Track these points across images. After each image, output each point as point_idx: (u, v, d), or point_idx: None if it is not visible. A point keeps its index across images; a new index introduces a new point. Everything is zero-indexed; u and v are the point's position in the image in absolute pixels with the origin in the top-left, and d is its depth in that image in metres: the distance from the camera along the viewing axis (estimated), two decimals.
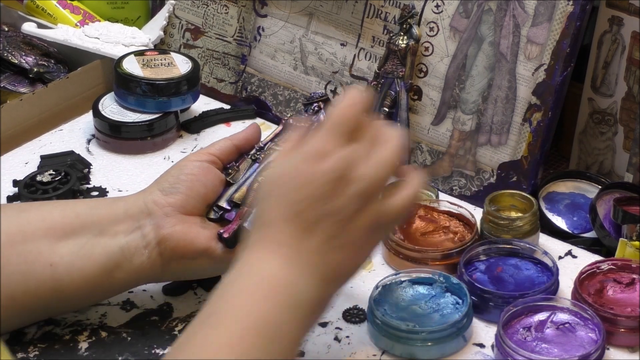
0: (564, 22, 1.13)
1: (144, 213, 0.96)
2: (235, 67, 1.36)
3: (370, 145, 0.86)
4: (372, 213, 0.85)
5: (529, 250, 1.05)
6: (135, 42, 1.36)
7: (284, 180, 0.84)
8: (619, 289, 1.01)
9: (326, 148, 0.84)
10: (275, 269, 0.82)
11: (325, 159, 0.83)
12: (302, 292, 0.82)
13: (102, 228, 0.95)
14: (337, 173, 0.83)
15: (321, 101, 1.03)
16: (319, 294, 0.83)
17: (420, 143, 1.22)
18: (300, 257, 0.83)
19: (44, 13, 1.43)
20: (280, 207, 0.84)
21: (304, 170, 0.83)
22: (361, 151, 0.85)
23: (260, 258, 0.83)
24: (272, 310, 0.81)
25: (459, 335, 0.97)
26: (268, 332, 0.80)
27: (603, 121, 1.21)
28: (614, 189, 1.14)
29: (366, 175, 0.84)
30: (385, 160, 0.86)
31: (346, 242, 0.84)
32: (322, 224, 0.83)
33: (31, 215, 0.96)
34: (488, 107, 1.18)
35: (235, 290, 0.82)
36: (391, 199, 0.87)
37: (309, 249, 0.83)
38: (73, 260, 0.94)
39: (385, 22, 1.24)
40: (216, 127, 1.32)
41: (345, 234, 0.83)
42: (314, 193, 0.83)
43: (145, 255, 0.95)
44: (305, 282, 0.82)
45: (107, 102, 1.28)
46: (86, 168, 1.22)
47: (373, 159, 0.85)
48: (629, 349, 0.97)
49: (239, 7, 1.35)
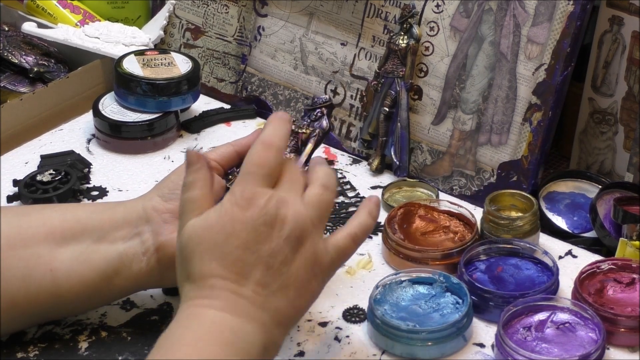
0: (565, 22, 1.13)
1: (143, 219, 0.95)
2: (235, 67, 1.36)
3: (295, 185, 0.85)
4: (307, 254, 0.84)
5: (529, 250, 1.05)
6: (136, 41, 1.36)
7: (211, 233, 0.83)
8: (619, 288, 1.01)
9: (250, 193, 0.83)
10: (219, 317, 0.81)
11: (250, 205, 0.83)
12: (248, 335, 0.82)
13: (102, 234, 0.95)
14: (264, 218, 0.82)
15: (324, 106, 1.02)
16: (266, 337, 0.83)
17: (421, 143, 1.22)
18: (237, 305, 0.82)
19: (44, 13, 1.43)
20: (212, 261, 0.82)
21: (230, 218, 0.82)
22: (287, 192, 0.84)
23: (202, 308, 0.82)
24: (222, 353, 0.80)
25: (459, 335, 0.97)
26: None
27: (603, 121, 1.21)
28: (614, 189, 1.14)
29: (294, 216, 0.83)
30: (314, 199, 0.85)
31: (282, 286, 0.83)
32: (255, 271, 0.82)
33: (32, 220, 0.95)
34: (488, 107, 1.18)
35: (183, 339, 0.81)
36: (331, 237, 0.87)
37: (246, 297, 0.82)
38: (73, 266, 0.93)
39: (386, 21, 1.24)
40: (216, 127, 1.32)
41: (280, 278, 0.83)
42: (243, 241, 0.82)
43: (143, 262, 0.94)
44: (251, 328, 0.82)
45: (107, 101, 1.28)
46: (86, 168, 1.22)
47: (299, 199, 0.84)
48: (629, 349, 0.97)
49: (239, 7, 1.35)
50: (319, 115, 1.02)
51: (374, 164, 1.23)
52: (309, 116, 1.02)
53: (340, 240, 0.87)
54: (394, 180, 1.21)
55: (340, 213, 1.16)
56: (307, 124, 1.01)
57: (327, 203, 0.87)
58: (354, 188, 1.20)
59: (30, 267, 0.93)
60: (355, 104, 1.27)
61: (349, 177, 1.23)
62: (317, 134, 1.01)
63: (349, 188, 1.20)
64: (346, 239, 0.88)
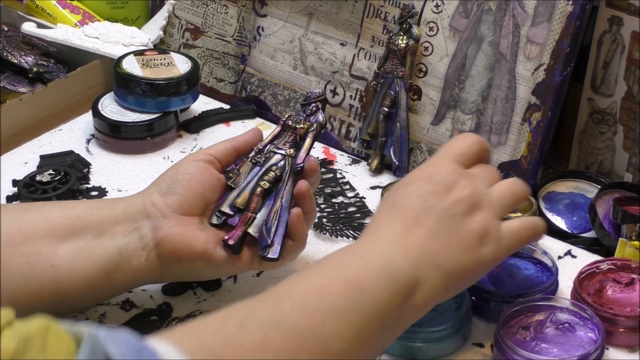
0: (564, 22, 1.13)
1: (142, 214, 0.95)
2: (234, 67, 1.36)
3: (487, 174, 0.93)
4: (478, 223, 0.88)
5: (528, 250, 1.05)
6: (135, 42, 1.36)
7: (408, 178, 0.92)
8: (619, 288, 1.01)
9: (446, 167, 0.92)
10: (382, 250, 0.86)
11: (439, 171, 0.91)
12: (394, 261, 0.85)
13: (102, 229, 0.95)
14: (447, 179, 0.90)
15: (319, 101, 1.02)
16: (411, 271, 0.85)
17: (420, 143, 1.22)
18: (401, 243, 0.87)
19: (43, 13, 1.43)
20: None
21: (416, 176, 0.91)
22: (476, 176, 0.92)
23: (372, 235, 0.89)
24: (362, 269, 0.84)
25: (458, 335, 0.97)
26: (355, 287, 0.82)
27: (603, 121, 1.21)
28: (613, 189, 1.14)
29: (474, 188, 0.90)
30: (499, 186, 0.92)
31: (445, 234, 0.88)
32: (426, 220, 0.88)
33: (32, 216, 0.95)
34: (487, 107, 1.18)
35: (341, 252, 0.88)
36: (505, 222, 0.91)
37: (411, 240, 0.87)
38: (74, 262, 0.94)
39: (385, 21, 1.24)
40: (216, 127, 1.32)
41: (446, 230, 0.88)
42: (423, 192, 0.89)
43: (143, 257, 0.95)
44: (401, 260, 0.85)
45: (106, 101, 1.28)
46: (86, 168, 1.22)
47: (485, 185, 0.92)
48: (628, 349, 0.97)
49: (238, 7, 1.35)
50: (314, 109, 1.02)
51: (373, 164, 1.24)
52: (304, 111, 1.02)
53: (515, 222, 0.92)
54: (394, 181, 1.21)
55: (339, 213, 1.16)
56: (304, 118, 1.02)
57: (511, 196, 0.92)
58: (353, 188, 1.20)
59: (30, 264, 0.93)
60: (355, 104, 1.27)
61: (349, 177, 1.23)
62: (314, 129, 1.01)
63: (349, 188, 1.20)
64: (521, 223, 0.92)
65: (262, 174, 0.99)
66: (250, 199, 0.98)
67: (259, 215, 0.98)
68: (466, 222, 0.88)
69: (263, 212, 0.98)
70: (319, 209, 1.16)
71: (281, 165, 1.00)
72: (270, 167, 1.00)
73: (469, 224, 0.88)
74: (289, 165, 0.99)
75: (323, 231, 1.12)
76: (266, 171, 0.99)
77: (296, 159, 0.99)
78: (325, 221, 1.14)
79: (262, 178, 0.99)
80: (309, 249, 1.07)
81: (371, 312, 0.81)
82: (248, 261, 0.97)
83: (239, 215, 0.97)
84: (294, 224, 0.97)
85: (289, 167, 0.99)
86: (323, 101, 1.02)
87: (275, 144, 1.01)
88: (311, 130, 1.01)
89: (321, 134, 1.02)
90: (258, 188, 0.98)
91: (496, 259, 0.90)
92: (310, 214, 0.99)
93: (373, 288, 0.82)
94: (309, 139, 1.00)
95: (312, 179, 1.00)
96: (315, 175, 1.00)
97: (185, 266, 0.96)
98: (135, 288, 1.00)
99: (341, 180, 1.22)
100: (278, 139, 1.02)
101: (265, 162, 1.00)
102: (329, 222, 1.14)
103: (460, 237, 0.88)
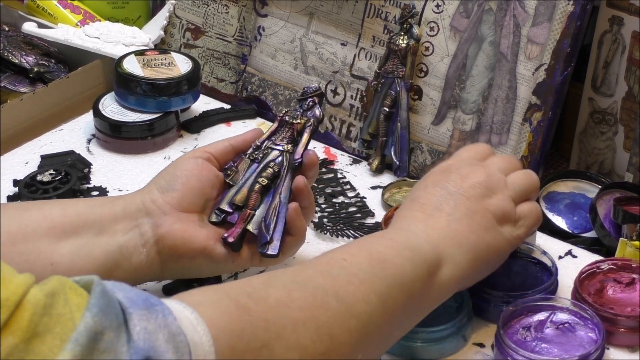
0: (565, 22, 1.13)
1: (142, 212, 0.96)
2: (235, 67, 1.36)
3: (505, 164, 1.00)
4: (494, 206, 0.94)
5: (528, 250, 1.05)
6: (136, 41, 1.36)
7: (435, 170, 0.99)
8: (619, 288, 1.01)
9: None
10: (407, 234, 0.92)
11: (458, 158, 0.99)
12: (417, 241, 0.90)
13: (102, 227, 0.95)
14: (464, 166, 0.96)
15: (315, 95, 1.02)
16: (434, 249, 0.89)
17: (421, 143, 1.22)
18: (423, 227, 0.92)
19: (44, 13, 1.43)
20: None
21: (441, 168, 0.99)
22: (494, 164, 0.98)
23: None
24: (385, 245, 0.88)
25: (459, 335, 0.97)
26: (377, 259, 0.86)
27: (603, 121, 1.21)
28: (614, 189, 1.14)
29: (488, 174, 0.96)
30: (516, 174, 0.98)
31: (464, 216, 0.93)
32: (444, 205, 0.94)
33: (32, 214, 0.95)
34: (488, 107, 1.18)
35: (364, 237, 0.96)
36: (521, 204, 0.97)
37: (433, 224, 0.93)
38: (74, 260, 0.94)
39: (386, 21, 1.24)
40: (216, 127, 1.32)
41: (464, 211, 0.93)
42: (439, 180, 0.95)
43: (143, 254, 0.95)
44: (424, 241, 0.90)
45: (107, 101, 1.28)
46: (86, 168, 1.22)
47: (502, 174, 0.97)
48: (628, 349, 0.97)
49: (239, 7, 1.35)
50: (311, 104, 1.02)
51: (374, 164, 1.24)
52: (301, 106, 1.02)
53: (526, 204, 0.97)
54: (394, 180, 1.21)
55: (340, 213, 1.16)
56: (301, 114, 1.02)
57: (526, 183, 0.98)
58: (354, 188, 1.20)
59: (31, 262, 0.92)
60: (356, 104, 1.27)
61: (349, 177, 1.23)
62: (311, 124, 1.01)
63: (349, 188, 1.20)
64: (532, 204, 0.98)
65: (260, 171, 0.99)
66: (249, 196, 0.98)
67: (258, 212, 0.98)
68: (484, 203, 0.94)
69: (262, 209, 0.98)
70: (320, 209, 1.16)
71: (279, 161, 1.00)
72: (268, 163, 1.00)
73: (487, 205, 0.94)
74: (286, 161, 0.99)
75: (324, 231, 1.12)
76: (264, 168, 0.99)
77: (294, 154, 0.99)
78: (326, 221, 1.14)
79: (260, 175, 0.99)
80: (310, 249, 1.07)
81: (394, 281, 0.85)
82: (248, 258, 0.97)
83: (238, 213, 0.98)
84: (292, 218, 0.97)
85: (287, 163, 0.99)
86: (320, 96, 1.02)
87: (272, 140, 1.01)
88: (308, 126, 1.01)
89: (319, 132, 1.02)
90: (256, 185, 0.99)
91: (517, 237, 0.96)
92: (308, 208, 0.99)
93: (395, 260, 0.86)
94: (306, 134, 1.00)
95: (311, 173, 1.00)
96: (314, 168, 1.01)
97: (186, 263, 0.96)
98: (135, 286, 1.00)
99: (342, 180, 1.22)
100: (275, 135, 1.01)
101: (263, 159, 1.00)
102: (330, 222, 1.14)
103: (480, 217, 0.93)
